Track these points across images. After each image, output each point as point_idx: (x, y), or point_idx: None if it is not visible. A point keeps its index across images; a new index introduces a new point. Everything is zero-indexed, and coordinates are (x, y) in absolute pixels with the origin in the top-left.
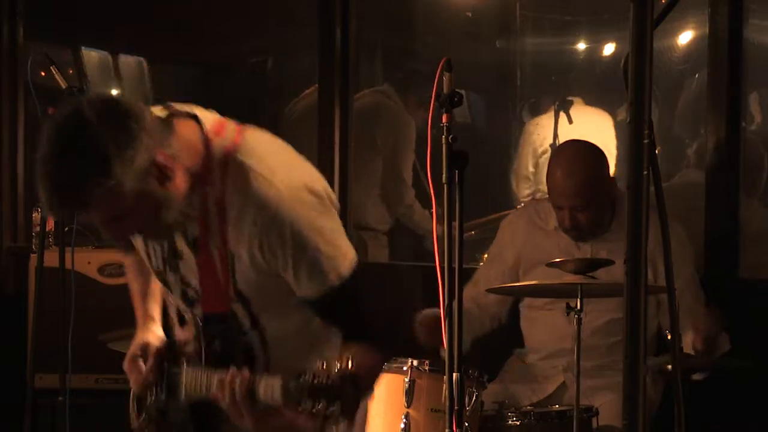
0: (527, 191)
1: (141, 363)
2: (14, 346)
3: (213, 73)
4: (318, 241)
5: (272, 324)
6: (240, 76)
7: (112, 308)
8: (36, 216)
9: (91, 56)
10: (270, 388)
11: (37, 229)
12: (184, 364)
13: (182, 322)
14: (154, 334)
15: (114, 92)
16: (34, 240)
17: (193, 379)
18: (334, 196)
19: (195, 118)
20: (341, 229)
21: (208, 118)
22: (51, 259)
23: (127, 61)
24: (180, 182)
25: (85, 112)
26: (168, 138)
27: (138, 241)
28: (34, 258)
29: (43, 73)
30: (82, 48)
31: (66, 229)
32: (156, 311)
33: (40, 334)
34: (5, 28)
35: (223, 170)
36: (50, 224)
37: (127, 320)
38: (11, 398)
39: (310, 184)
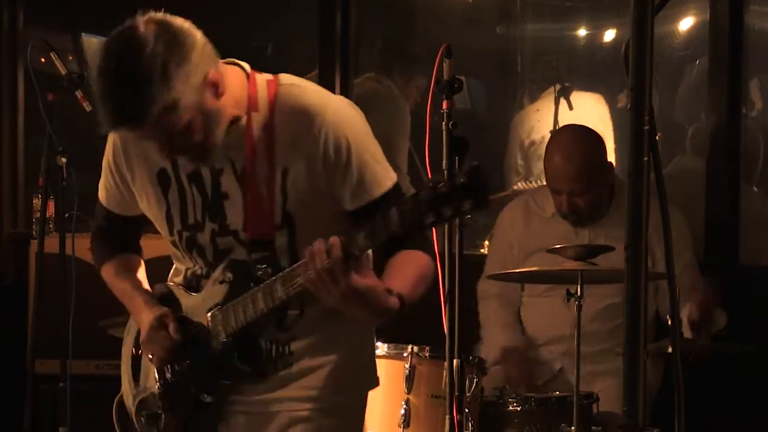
0: (520, 183)
1: (162, 332)
2: (15, 332)
3: None
4: (374, 146)
5: None
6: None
7: (112, 294)
8: (36, 202)
9: (91, 42)
10: (378, 225)
11: (38, 215)
12: (218, 307)
13: (197, 287)
14: (162, 308)
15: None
16: (34, 226)
17: (229, 315)
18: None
19: (236, 64)
20: None
21: (247, 66)
22: (51, 245)
23: None
24: (227, 102)
25: (140, 32)
26: (216, 58)
27: (173, 195)
28: (34, 244)
29: (43, 60)
30: (82, 34)
31: (66, 215)
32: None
33: (41, 320)
34: (5, 15)
35: (270, 96)
36: (51, 210)
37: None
38: (12, 384)
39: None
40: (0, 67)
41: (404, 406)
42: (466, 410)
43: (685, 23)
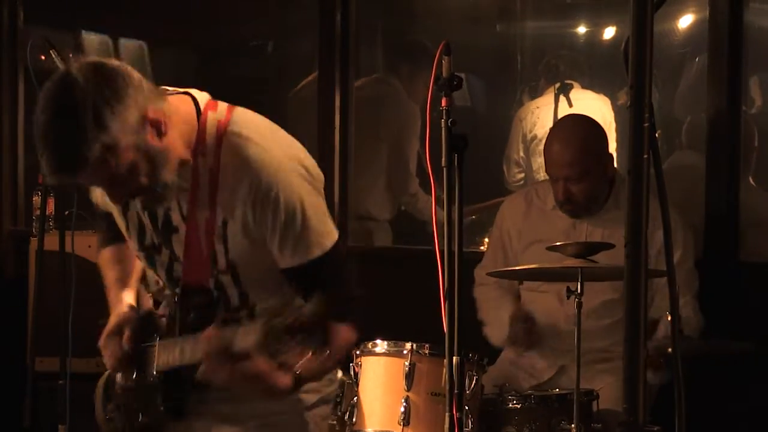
0: (519, 176)
1: (117, 339)
2: (15, 329)
3: (213, 57)
4: (307, 211)
5: (261, 299)
6: (240, 60)
7: None
8: (36, 200)
9: (91, 40)
10: (248, 332)
11: (38, 212)
12: (157, 338)
13: (156, 305)
14: (131, 309)
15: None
16: (34, 224)
17: (165, 350)
18: (322, 179)
19: (189, 95)
20: (326, 210)
21: (203, 96)
22: (51, 242)
23: (127, 44)
24: (174, 142)
25: (72, 77)
26: (158, 98)
27: (132, 216)
28: (34, 242)
29: (43, 57)
30: (82, 32)
31: (66, 213)
32: (131, 295)
33: (41, 317)
34: (5, 12)
35: (217, 141)
36: (50, 208)
37: None
38: (12, 381)
39: (302, 159)
40: (0, 65)
41: (404, 404)
42: (466, 408)
43: (685, 20)
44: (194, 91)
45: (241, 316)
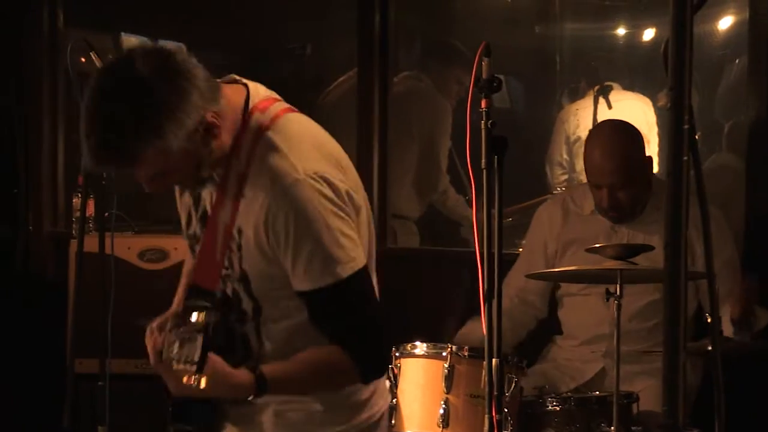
0: (563, 177)
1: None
2: (55, 331)
3: (251, 59)
4: (323, 234)
5: (274, 317)
6: (279, 62)
7: (151, 293)
8: (76, 201)
9: (131, 42)
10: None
11: (77, 214)
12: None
13: None
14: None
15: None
16: (74, 225)
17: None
18: (359, 201)
19: (246, 87)
20: (353, 235)
21: (260, 93)
22: (91, 244)
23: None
24: (224, 141)
25: (137, 70)
26: (217, 97)
27: (185, 202)
28: (74, 243)
29: (83, 60)
30: (122, 34)
31: (106, 214)
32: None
33: (80, 319)
34: (45, 15)
35: (253, 145)
36: (90, 210)
37: (167, 305)
38: (51, 383)
39: (332, 179)
40: (40, 67)
41: (443, 406)
42: (506, 410)
43: (725, 22)
44: (253, 86)
45: (247, 329)
